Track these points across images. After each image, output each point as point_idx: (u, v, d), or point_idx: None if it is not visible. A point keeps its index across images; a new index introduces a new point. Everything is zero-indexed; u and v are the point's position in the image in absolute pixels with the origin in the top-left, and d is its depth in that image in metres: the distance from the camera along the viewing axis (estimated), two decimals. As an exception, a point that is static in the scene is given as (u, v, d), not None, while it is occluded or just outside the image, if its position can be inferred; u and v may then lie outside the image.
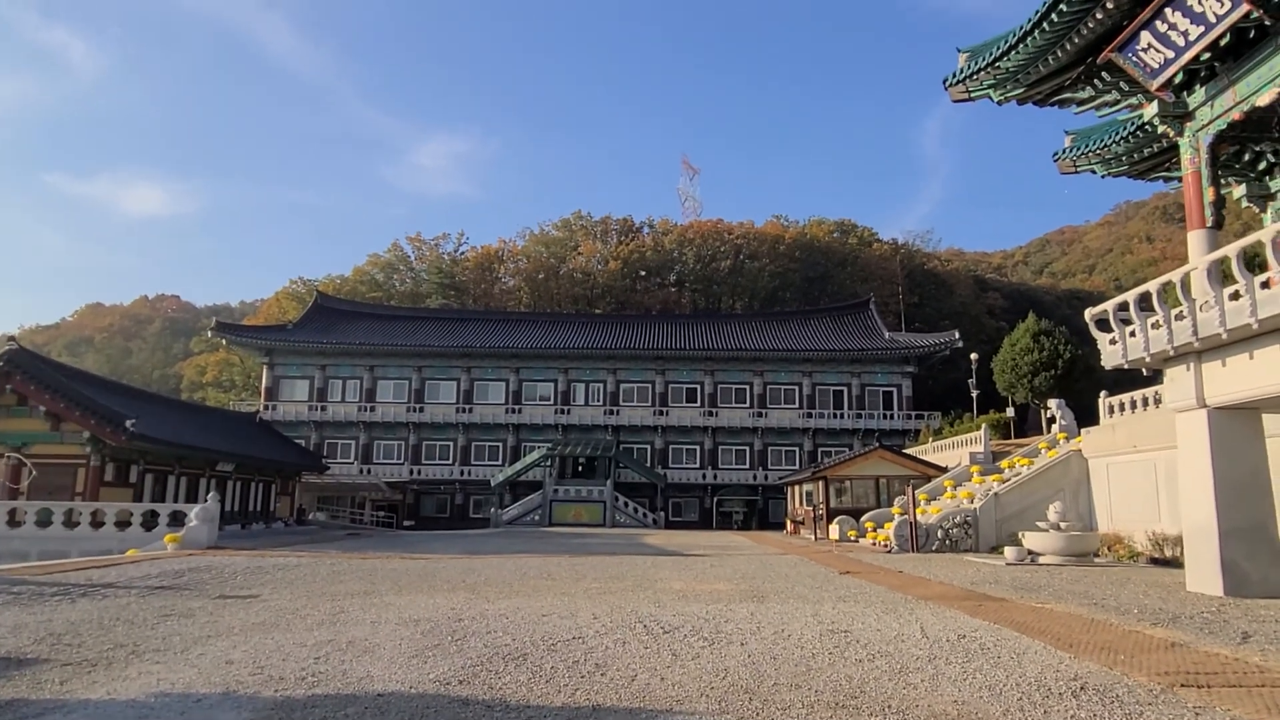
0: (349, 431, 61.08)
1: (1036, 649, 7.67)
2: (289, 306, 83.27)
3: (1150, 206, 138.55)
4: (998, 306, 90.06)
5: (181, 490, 34.42)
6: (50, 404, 28.94)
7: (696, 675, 6.62)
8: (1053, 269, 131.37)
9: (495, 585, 13.56)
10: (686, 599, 11.73)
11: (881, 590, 13.05)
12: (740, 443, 60.94)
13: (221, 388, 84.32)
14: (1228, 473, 12.16)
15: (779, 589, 13.27)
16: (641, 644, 8.00)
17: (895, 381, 61.52)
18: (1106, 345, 14.13)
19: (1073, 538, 19.00)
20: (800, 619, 9.65)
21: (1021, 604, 11.12)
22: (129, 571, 15.01)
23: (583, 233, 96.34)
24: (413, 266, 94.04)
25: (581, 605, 10.90)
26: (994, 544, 23.53)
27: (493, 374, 62.53)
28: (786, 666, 6.96)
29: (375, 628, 8.87)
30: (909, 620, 9.49)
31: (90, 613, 9.91)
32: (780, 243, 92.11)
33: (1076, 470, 23.96)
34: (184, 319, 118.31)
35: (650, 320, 72.36)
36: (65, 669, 6.73)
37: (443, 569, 16.73)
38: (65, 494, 28.43)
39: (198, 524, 23.52)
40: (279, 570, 15.94)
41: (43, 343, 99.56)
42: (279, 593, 12.26)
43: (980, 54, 14.99)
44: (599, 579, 14.79)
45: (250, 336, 64.76)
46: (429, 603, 11.11)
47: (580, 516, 51.60)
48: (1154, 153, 16.79)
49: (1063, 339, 39.93)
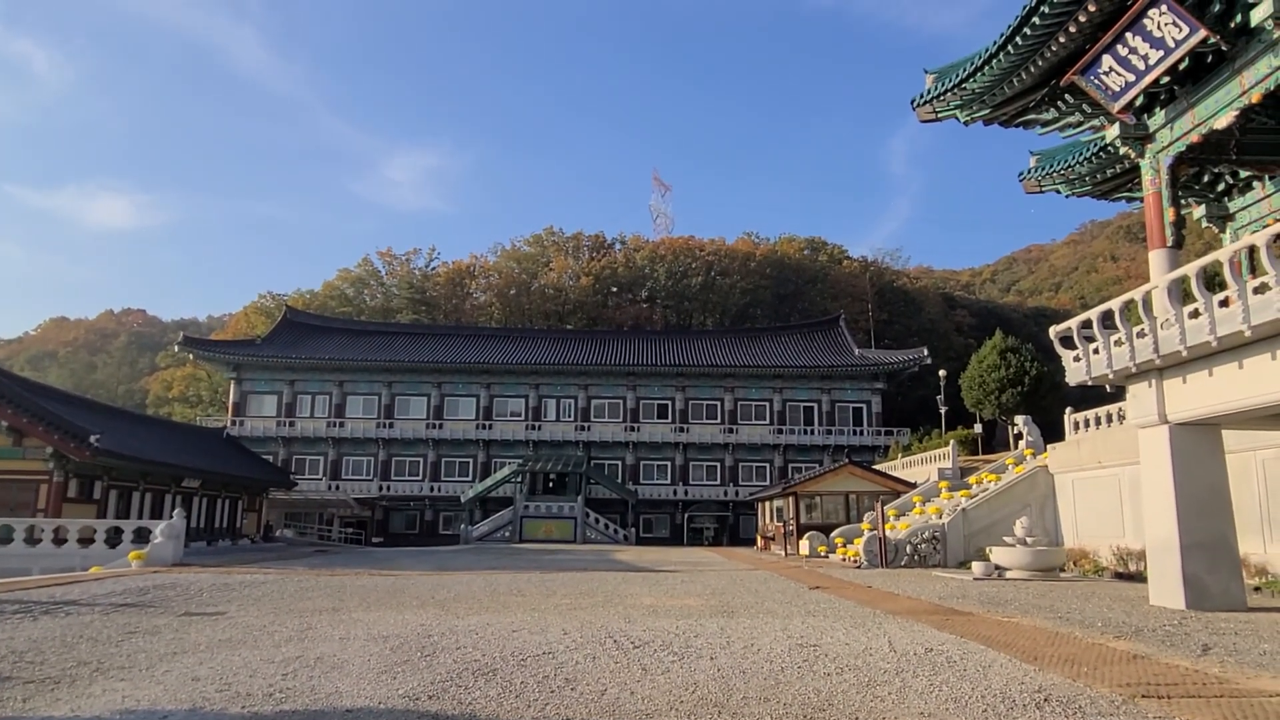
0: (318, 447, 60.42)
1: (1002, 662, 7.77)
2: (258, 321, 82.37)
3: (1114, 226, 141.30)
4: (966, 324, 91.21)
5: (146, 507, 33.86)
6: (12, 419, 28.40)
7: (666, 689, 6.64)
8: (1020, 287, 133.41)
9: (465, 601, 13.47)
10: (657, 614, 11.74)
11: (850, 605, 13.14)
12: (711, 459, 61.08)
13: (188, 403, 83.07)
14: (1189, 487, 12.42)
15: (749, 604, 13.32)
16: (612, 659, 8.00)
17: (865, 398, 62.05)
18: (1071, 362, 14.40)
19: (1039, 553, 19.25)
20: (770, 633, 9.70)
21: (988, 618, 11.26)
22: (92, 589, 14.74)
23: (554, 248, 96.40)
24: (383, 281, 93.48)
25: (552, 621, 10.87)
26: (962, 559, 23.77)
27: (463, 390, 62.23)
28: (755, 680, 7.00)
29: (344, 644, 8.79)
30: (877, 634, 9.57)
31: (53, 630, 9.73)
32: (751, 259, 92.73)
33: (1043, 486, 24.32)
34: (150, 334, 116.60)
35: (622, 336, 72.45)
36: (28, 686, 6.60)
37: (412, 585, 16.60)
38: (27, 510, 27.91)
39: (163, 541, 23.13)
40: (246, 587, 15.72)
41: (4, 357, 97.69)
42: (246, 610, 12.10)
43: (947, 75, 15.30)
44: (569, 595, 14.75)
45: (218, 351, 63.96)
46: (398, 619, 11.02)
47: (551, 533, 51.36)
48: (1116, 174, 17.20)
49: (1029, 356, 40.55)
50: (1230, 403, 11.63)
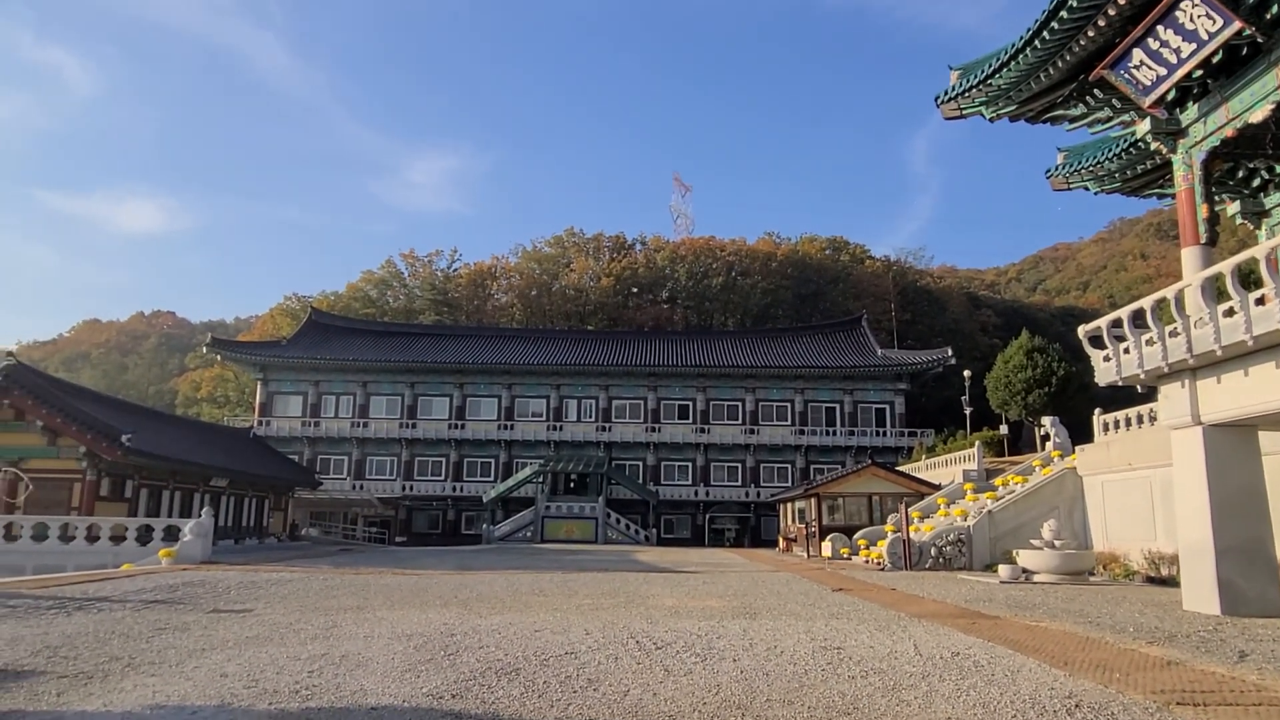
0: (342, 447, 60.88)
1: (1031, 667, 7.67)
2: (283, 323, 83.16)
3: (1144, 223, 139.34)
4: (991, 324, 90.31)
5: (176, 505, 34.30)
6: (47, 419, 28.87)
7: (689, 691, 6.61)
8: (1046, 286, 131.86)
9: (488, 601, 13.51)
10: (679, 615, 11.70)
11: (874, 607, 13.03)
12: (732, 459, 60.89)
13: (216, 403, 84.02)
14: (1223, 490, 12.19)
15: (771, 606, 13.24)
16: (634, 659, 7.98)
17: (888, 398, 61.60)
18: (1100, 362, 14.20)
19: (1068, 556, 19.01)
20: (793, 635, 9.63)
21: (1016, 622, 11.12)
22: (124, 586, 14.94)
23: (575, 249, 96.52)
24: (406, 283, 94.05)
25: (574, 621, 10.87)
26: (988, 562, 23.53)
27: (485, 390, 62.46)
28: (779, 682, 6.95)
29: (368, 642, 8.84)
30: (902, 638, 9.48)
31: (86, 626, 9.86)
32: (772, 260, 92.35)
33: (1071, 488, 24.01)
34: (179, 335, 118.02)
35: (643, 337, 72.41)
36: (62, 681, 6.70)
37: (435, 584, 16.67)
38: (61, 508, 28.35)
39: (192, 539, 23.42)
40: (272, 585, 15.86)
41: (40, 358, 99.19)
42: (272, 607, 12.20)
43: (972, 71, 15.14)
44: (591, 595, 14.74)
45: (245, 352, 64.61)
46: (422, 618, 11.07)
47: (572, 533, 51.43)
48: (1147, 170, 16.95)
49: (1056, 356, 40.01)
50: (1267, 403, 11.40)
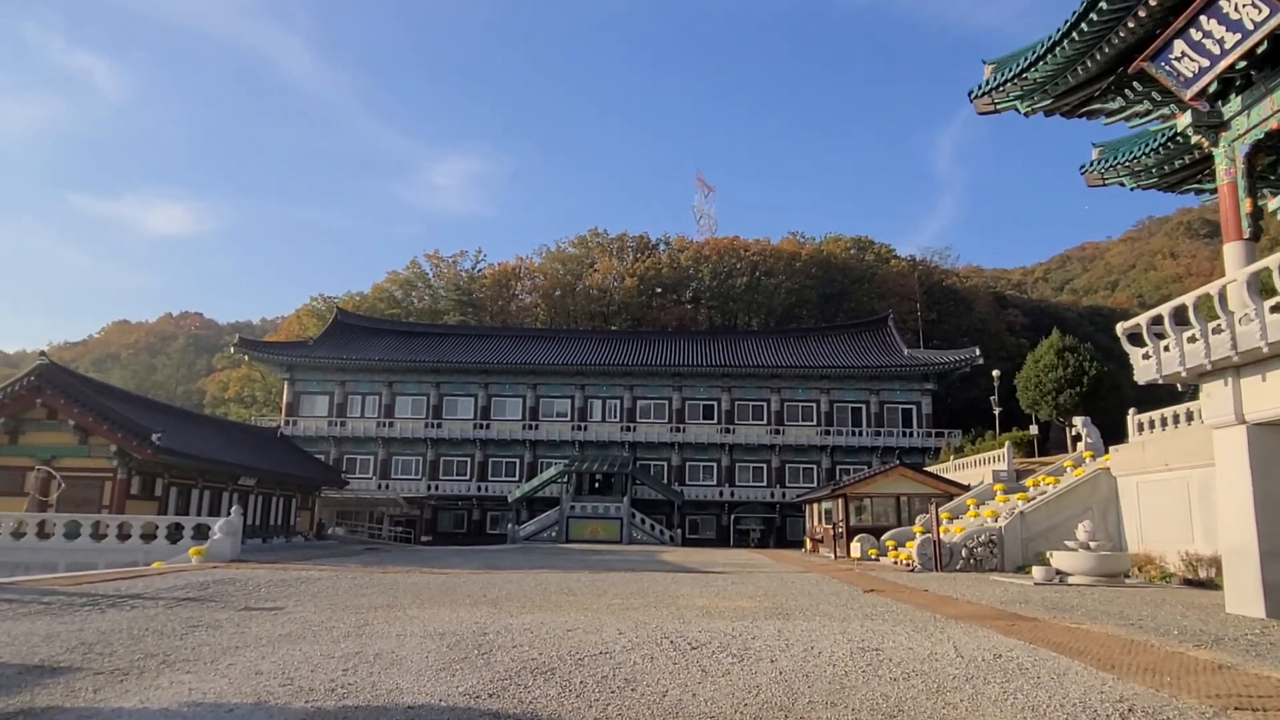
0: (368, 447, 61.26)
1: (1077, 670, 7.48)
2: (309, 323, 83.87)
3: (1174, 222, 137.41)
4: (1018, 323, 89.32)
5: (205, 504, 34.63)
6: (79, 418, 29.22)
7: (728, 692, 6.49)
8: (1074, 285, 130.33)
9: (517, 600, 13.46)
10: (711, 615, 11.58)
11: (909, 609, 12.84)
12: (758, 460, 60.61)
13: (243, 403, 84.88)
14: (1268, 491, 11.89)
15: (804, 606, 13.09)
16: (670, 659, 7.88)
17: (915, 399, 61.07)
18: (1139, 360, 13.91)
19: (1103, 558, 18.69)
20: (829, 636, 9.48)
21: (1056, 624, 10.90)
22: (155, 583, 15.04)
23: (599, 250, 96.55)
24: (431, 284, 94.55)
25: (606, 620, 10.78)
26: (1020, 563, 23.20)
27: (510, 390, 62.60)
28: (820, 684, 6.82)
29: (401, 640, 8.80)
30: (941, 639, 9.30)
31: (120, 623, 9.90)
32: (797, 259, 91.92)
33: (1105, 489, 23.63)
34: (207, 336, 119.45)
35: (667, 337, 72.28)
36: (98, 677, 6.70)
37: (464, 584, 16.65)
38: (93, 506, 28.65)
39: (221, 537, 23.59)
40: (302, 583, 15.91)
41: (71, 359, 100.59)
42: (303, 605, 12.22)
43: (1007, 65, 14.90)
44: (621, 595, 14.66)
45: (271, 352, 65.22)
46: (453, 616, 11.02)
47: (597, 533, 51.42)
48: (1185, 164, 16.59)
49: (1088, 355, 39.33)
50: (1313, 402, 11.12)
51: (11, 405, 29.17)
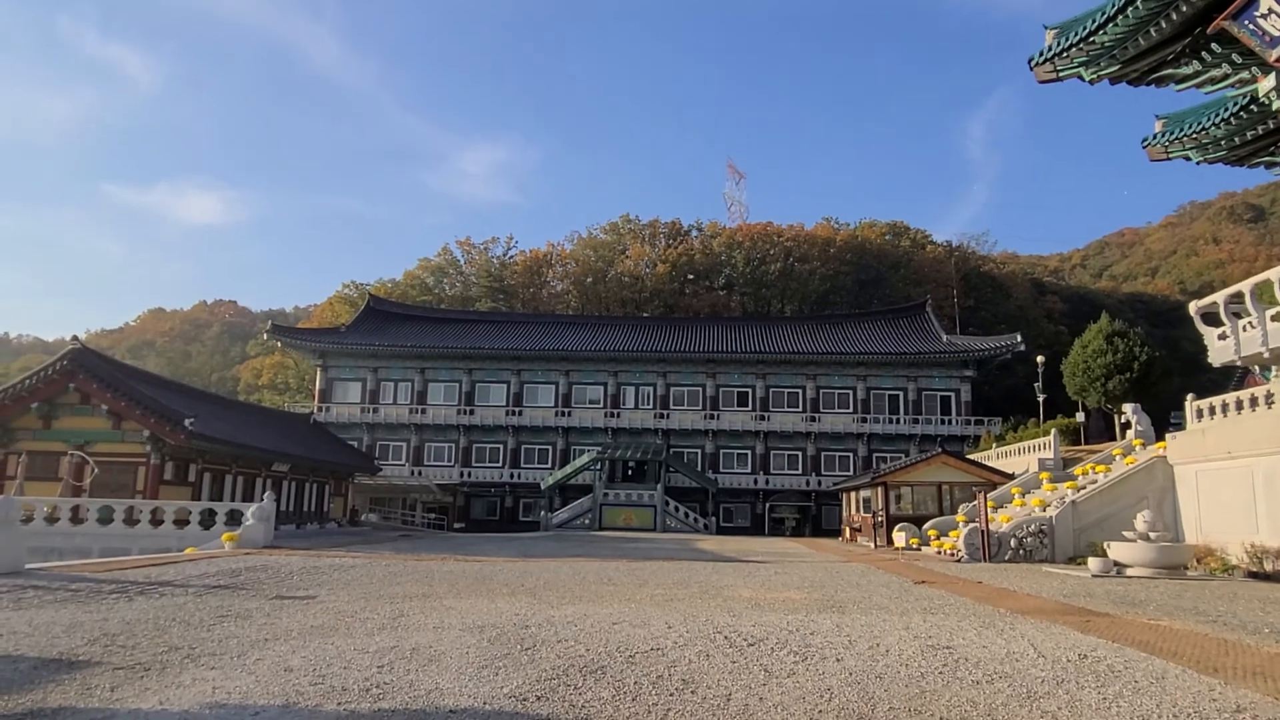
0: (400, 434, 61.28)
1: (1175, 673, 6.81)
2: (341, 310, 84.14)
3: (1216, 207, 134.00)
4: (1056, 310, 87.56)
5: (238, 490, 34.60)
6: (111, 403, 29.21)
7: (798, 696, 5.92)
8: (1113, 272, 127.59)
9: (556, 590, 12.98)
10: (761, 608, 11.02)
11: (968, 602, 12.18)
12: (793, 448, 59.80)
13: (277, 390, 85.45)
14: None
15: (856, 599, 12.48)
16: (726, 658, 7.32)
17: (954, 386, 59.88)
18: (1214, 341, 13.10)
19: (1164, 549, 17.84)
20: (893, 632, 8.87)
21: (1132, 620, 10.19)
22: (187, 570, 14.76)
23: (631, 236, 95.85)
24: (462, 270, 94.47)
25: (651, 613, 10.25)
26: (1071, 554, 22.34)
27: (542, 377, 62.26)
28: (896, 687, 6.22)
29: (439, 634, 8.32)
30: (1014, 636, 8.65)
31: (146, 612, 9.53)
32: (831, 245, 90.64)
33: (1161, 478, 22.65)
34: (241, 323, 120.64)
35: (700, 323, 71.51)
36: (117, 673, 6.26)
37: (499, 572, 16.22)
38: (126, 492, 28.65)
39: (254, 523, 23.40)
40: (335, 571, 15.56)
41: (106, 346, 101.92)
42: (336, 594, 11.82)
43: (1071, 29, 14.04)
44: (662, 585, 14.14)
45: (304, 339, 65.43)
46: (490, 607, 10.55)
47: (630, 521, 51.01)
48: (1259, 135, 15.63)
49: (1139, 340, 38.05)
50: None
51: (45, 390, 29.22)
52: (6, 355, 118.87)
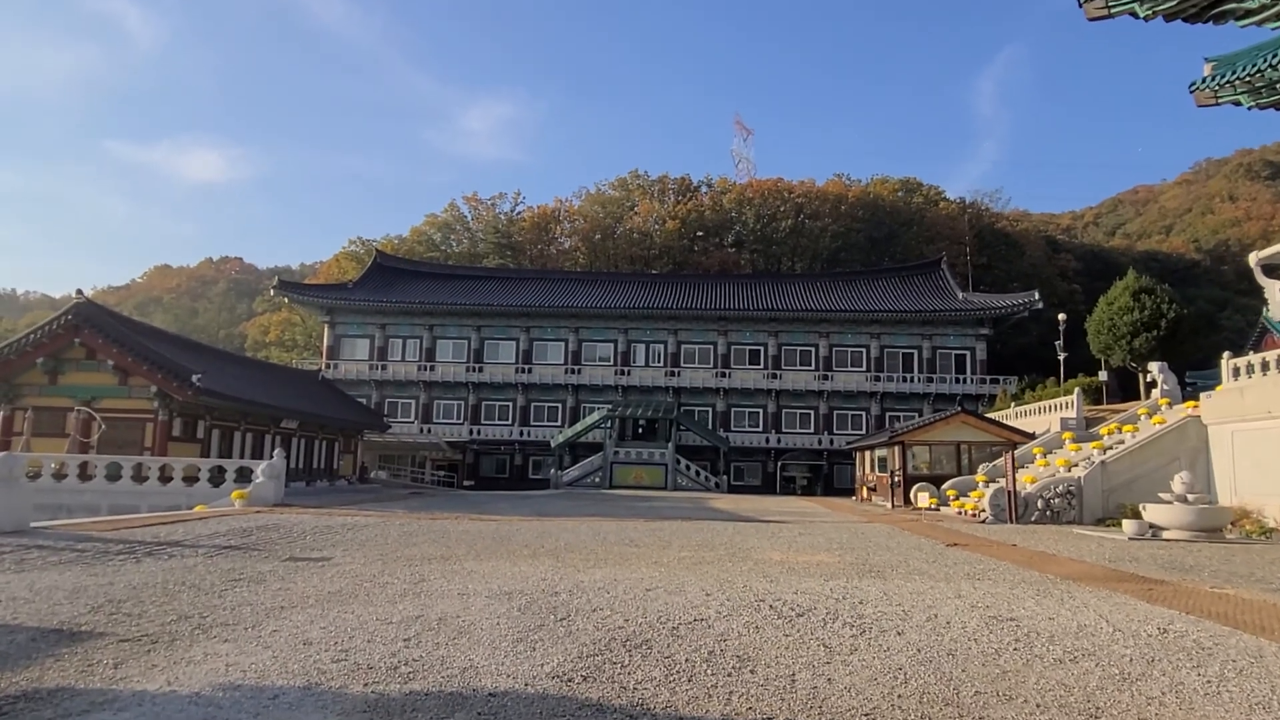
0: (409, 391, 60.86)
1: (1273, 651, 6.26)
2: (348, 267, 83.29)
3: (1233, 164, 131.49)
4: (1070, 268, 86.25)
5: (247, 446, 34.24)
6: (118, 358, 28.69)
7: (868, 677, 5.37)
8: (1126, 230, 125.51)
9: (578, 552, 12.50)
10: (795, 572, 10.51)
11: (1010, 567, 11.67)
12: (805, 406, 59.24)
13: (284, 347, 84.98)
14: None
15: (892, 563, 11.98)
16: (777, 630, 6.79)
17: (969, 344, 59.06)
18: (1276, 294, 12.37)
19: (1202, 511, 17.29)
20: (946, 601, 8.33)
21: (1194, 588, 9.64)
22: (196, 529, 14.31)
23: (639, 192, 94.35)
24: (469, 227, 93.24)
25: (684, 578, 9.75)
26: (1100, 516, 21.86)
27: (551, 334, 61.59)
28: (973, 667, 5.67)
29: (465, 601, 7.80)
30: (1077, 607, 8.10)
31: (155, 575, 9.03)
32: (843, 202, 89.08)
33: (1194, 437, 22.09)
34: (247, 280, 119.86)
35: (711, 280, 70.51)
36: (122, 647, 5.73)
37: (517, 532, 15.77)
38: (134, 448, 28.23)
39: (264, 480, 22.98)
40: (349, 530, 15.12)
41: (114, 303, 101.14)
42: (352, 555, 11.34)
43: (1129, -39, 13.07)
44: (688, 547, 13.67)
45: (311, 295, 64.74)
46: (514, 571, 10.06)
47: (641, 479, 50.70)
48: (1323, 77, 14.69)
49: (1167, 297, 37.05)
50: None
51: (50, 345, 28.68)
52: (14, 311, 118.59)
